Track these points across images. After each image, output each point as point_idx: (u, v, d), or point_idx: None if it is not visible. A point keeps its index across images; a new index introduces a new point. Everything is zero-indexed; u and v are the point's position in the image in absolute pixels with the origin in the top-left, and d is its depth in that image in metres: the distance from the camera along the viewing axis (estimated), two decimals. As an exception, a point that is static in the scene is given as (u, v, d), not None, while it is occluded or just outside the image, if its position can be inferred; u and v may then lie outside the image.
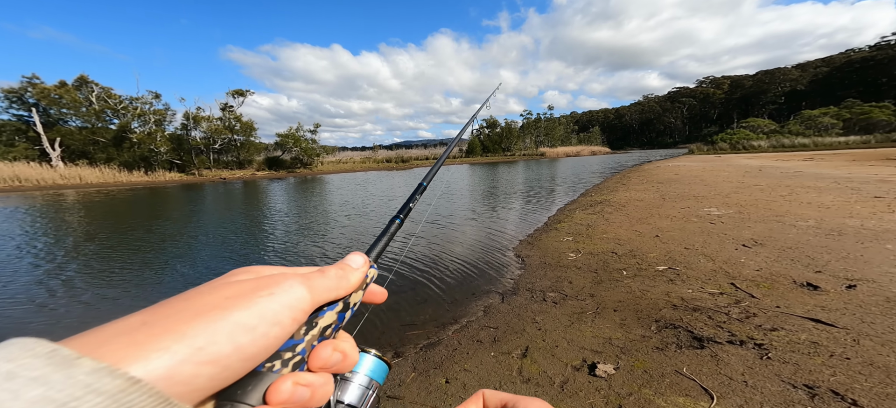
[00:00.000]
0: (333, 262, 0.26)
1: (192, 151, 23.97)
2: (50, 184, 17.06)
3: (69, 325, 3.14)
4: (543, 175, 20.88)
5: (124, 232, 7.34)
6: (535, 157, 55.37)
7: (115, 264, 5.03)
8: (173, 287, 4.05)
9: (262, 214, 9.55)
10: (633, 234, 5.03)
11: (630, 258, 3.97)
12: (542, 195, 11.51)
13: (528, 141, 64.45)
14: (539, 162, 40.87)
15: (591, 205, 8.07)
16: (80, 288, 4.04)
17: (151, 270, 4.78)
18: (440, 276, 3.97)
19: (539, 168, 29.00)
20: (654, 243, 4.47)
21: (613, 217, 6.29)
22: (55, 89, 19.77)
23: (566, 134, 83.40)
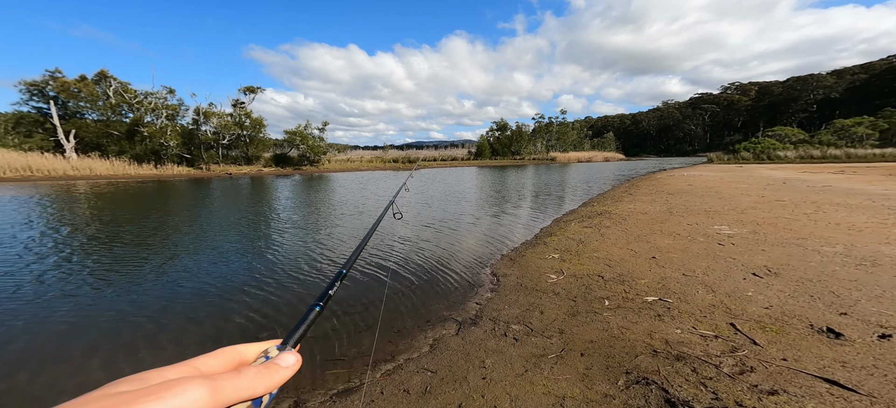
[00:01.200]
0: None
1: (201, 146, 24.47)
2: (61, 175, 17.69)
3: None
4: (550, 181, 20.18)
5: (121, 224, 7.29)
6: (546, 161, 54.29)
7: (98, 253, 4.87)
8: (148, 272, 3.82)
9: (259, 209, 9.41)
10: (627, 253, 4.48)
11: (617, 284, 3.46)
12: (542, 203, 10.94)
13: (538, 145, 63.32)
14: (549, 167, 39.92)
15: (589, 216, 7.50)
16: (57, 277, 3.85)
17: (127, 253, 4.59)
18: (399, 294, 3.57)
19: (547, 173, 28.22)
20: (648, 267, 3.93)
21: (610, 232, 5.73)
22: (75, 83, 20.59)
23: (579, 139, 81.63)
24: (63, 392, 2.16)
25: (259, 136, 27.21)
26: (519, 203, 10.75)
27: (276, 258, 4.90)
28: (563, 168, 36.80)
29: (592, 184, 17.43)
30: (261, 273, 4.23)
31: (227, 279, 4.01)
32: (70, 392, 1.73)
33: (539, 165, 43.56)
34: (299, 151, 29.79)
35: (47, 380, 2.24)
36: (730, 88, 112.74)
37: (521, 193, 13.73)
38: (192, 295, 3.55)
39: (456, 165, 45.24)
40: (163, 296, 3.53)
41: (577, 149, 75.66)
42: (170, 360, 0.55)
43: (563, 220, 7.51)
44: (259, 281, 3.96)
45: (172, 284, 3.87)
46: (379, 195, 13.57)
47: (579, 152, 70.05)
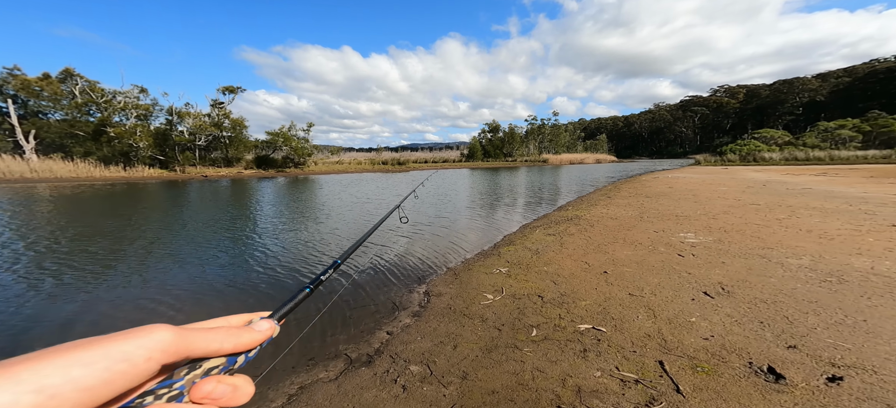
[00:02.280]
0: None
1: (175, 147, 23.61)
2: (17, 177, 16.78)
3: None
4: (536, 183, 19.89)
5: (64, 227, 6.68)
6: (538, 163, 54.23)
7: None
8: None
9: (232, 212, 8.84)
10: (579, 266, 4.09)
11: (555, 307, 3.05)
12: (518, 207, 10.57)
13: (531, 147, 63.32)
14: (540, 169, 39.77)
15: (558, 222, 7.13)
16: None
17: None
18: (300, 318, 3.12)
19: (536, 175, 28.00)
20: (596, 283, 3.54)
21: (572, 241, 5.35)
22: (37, 81, 19.65)
23: (572, 141, 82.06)
24: None
25: (239, 137, 26.41)
26: (494, 207, 10.36)
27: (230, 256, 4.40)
28: (554, 170, 36.67)
29: (577, 186, 17.17)
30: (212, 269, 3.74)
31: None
32: None
33: (531, 168, 43.43)
34: (283, 153, 29.05)
35: None
36: (719, 91, 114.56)
37: (501, 196, 13.36)
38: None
39: (447, 167, 44.83)
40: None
41: (570, 151, 75.94)
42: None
43: (531, 226, 7.13)
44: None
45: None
46: (354, 199, 13.06)
47: (572, 154, 70.30)
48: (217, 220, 8.33)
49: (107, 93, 21.67)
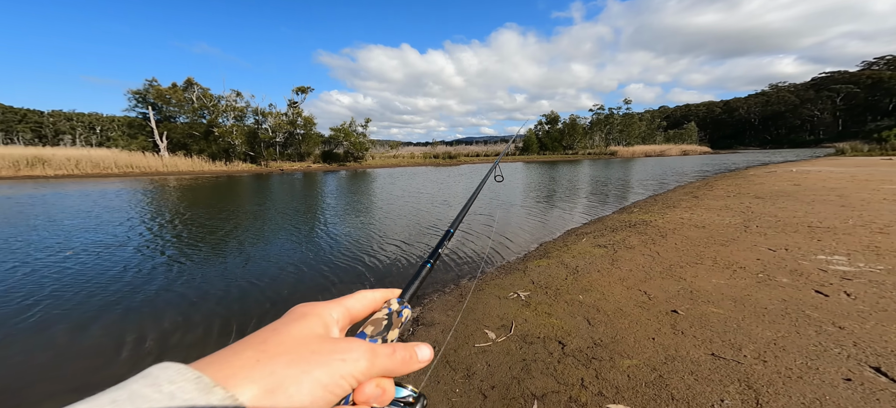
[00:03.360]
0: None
1: (261, 144, 27.40)
2: (154, 171, 21.46)
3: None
4: (598, 178, 17.38)
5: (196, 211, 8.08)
6: (604, 156, 48.33)
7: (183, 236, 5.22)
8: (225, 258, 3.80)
9: (303, 204, 9.68)
10: (634, 298, 2.89)
11: (580, 364, 2.05)
12: (568, 206, 9.05)
13: (596, 138, 56.81)
14: (607, 162, 35.31)
15: (616, 228, 5.65)
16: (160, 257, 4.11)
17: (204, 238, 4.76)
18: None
19: (600, 169, 24.74)
20: (656, 328, 2.36)
21: (629, 257, 4.02)
22: (167, 91, 24.85)
23: (649, 131, 71.30)
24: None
25: (310, 133, 29.40)
26: (538, 205, 9.06)
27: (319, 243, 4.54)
28: (624, 164, 32.08)
29: (653, 183, 14.34)
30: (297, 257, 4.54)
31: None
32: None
33: (594, 161, 38.86)
34: (344, 148, 31.40)
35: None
36: (876, 64, 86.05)
37: (551, 192, 11.78)
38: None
39: (502, 160, 43.01)
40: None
41: (647, 142, 66.08)
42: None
43: (577, 233, 5.81)
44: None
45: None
46: (403, 194, 13.06)
47: (648, 146, 61.01)
48: (306, 208, 9.01)
49: (214, 98, 26.38)
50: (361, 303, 0.32)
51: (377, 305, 0.34)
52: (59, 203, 9.66)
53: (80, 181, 16.66)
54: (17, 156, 18.88)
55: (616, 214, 7.39)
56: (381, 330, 0.32)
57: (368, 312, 0.33)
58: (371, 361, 0.26)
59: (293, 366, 0.22)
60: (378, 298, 0.34)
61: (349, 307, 0.31)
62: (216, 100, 26.69)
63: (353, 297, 0.32)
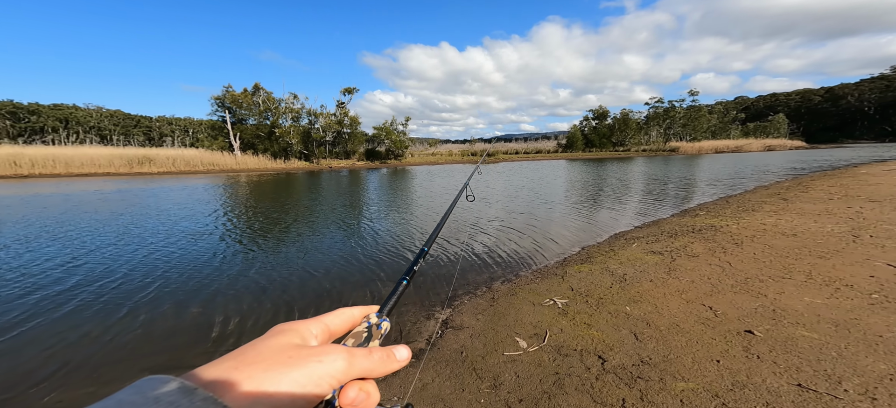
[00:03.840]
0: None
1: (313, 143, 29.83)
2: (229, 168, 24.59)
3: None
4: (655, 176, 15.70)
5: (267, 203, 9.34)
6: (662, 153, 43.49)
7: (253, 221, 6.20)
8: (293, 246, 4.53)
9: (350, 200, 10.51)
10: (695, 313, 2.49)
11: (622, 383, 1.82)
12: (618, 207, 8.27)
13: (653, 133, 51.40)
14: (666, 159, 31.82)
15: (676, 233, 5.00)
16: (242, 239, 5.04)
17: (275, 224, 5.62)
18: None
19: (657, 167, 22.39)
20: (721, 349, 2.00)
21: (691, 267, 3.50)
22: (240, 96, 28.35)
23: (721, 124, 62.53)
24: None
25: (355, 132, 31.21)
26: (581, 205, 8.42)
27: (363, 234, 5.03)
28: (687, 161, 28.60)
29: (725, 181, 12.53)
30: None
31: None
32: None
33: (651, 158, 35.18)
34: (385, 146, 32.74)
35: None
36: None
37: (599, 191, 10.89)
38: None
39: (540, 158, 41.20)
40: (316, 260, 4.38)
41: (718, 137, 58.04)
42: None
43: (627, 237, 5.26)
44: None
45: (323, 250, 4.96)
46: (437, 190, 13.24)
47: (719, 141, 53.48)
48: (354, 204, 9.75)
49: (276, 101, 29.44)
50: (340, 319, 0.33)
51: (356, 321, 0.35)
52: (163, 196, 11.48)
53: (176, 177, 19.80)
54: (132, 156, 23.12)
55: (675, 218, 6.55)
56: (361, 342, 0.33)
57: (348, 327, 0.34)
58: (349, 361, 0.27)
59: (271, 370, 0.24)
60: (357, 314, 0.35)
61: (328, 324, 0.32)
62: (277, 103, 29.70)
63: (332, 314, 0.33)
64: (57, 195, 11.18)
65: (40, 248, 5.15)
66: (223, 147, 28.10)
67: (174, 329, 2.91)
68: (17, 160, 19.24)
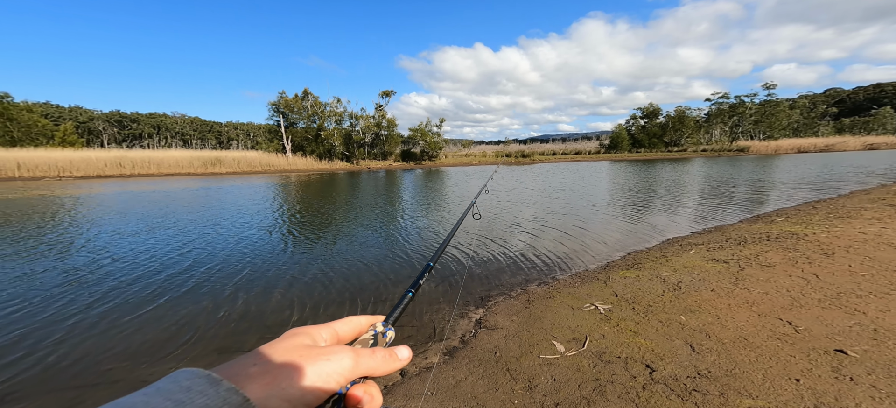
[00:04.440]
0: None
1: (353, 145, 31.56)
2: (282, 169, 27.09)
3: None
4: (719, 178, 14.02)
5: (314, 199, 10.35)
6: (727, 153, 38.54)
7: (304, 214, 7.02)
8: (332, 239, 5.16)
9: (388, 199, 11.11)
10: (768, 326, 2.16)
11: (667, 399, 1.63)
12: (671, 210, 7.51)
13: (716, 132, 45.91)
14: (732, 160, 28.29)
15: (744, 240, 4.40)
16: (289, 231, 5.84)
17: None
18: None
19: (720, 169, 20.06)
20: (800, 368, 1.71)
21: (764, 277, 3.05)
22: (291, 101, 31.08)
23: (806, 120, 53.92)
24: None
25: (392, 134, 32.40)
26: (629, 208, 7.79)
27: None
28: (761, 162, 25.11)
29: (811, 184, 10.79)
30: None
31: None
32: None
33: (713, 159, 31.38)
34: (420, 147, 33.44)
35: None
36: None
37: (650, 194, 9.99)
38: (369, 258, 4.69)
39: (579, 159, 38.91)
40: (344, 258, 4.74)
41: (801, 134, 50.16)
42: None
43: (682, 243, 4.75)
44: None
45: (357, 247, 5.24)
46: (463, 192, 13.23)
47: (803, 139, 46.11)
48: (393, 203, 10.29)
49: (322, 105, 31.78)
50: (349, 326, 0.35)
51: (363, 329, 0.36)
52: (235, 193, 12.82)
53: (240, 176, 22.30)
54: (206, 157, 26.54)
55: (745, 224, 5.75)
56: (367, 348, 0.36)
57: (355, 334, 0.36)
58: (355, 360, 0.29)
59: (285, 366, 0.26)
60: (364, 322, 0.37)
61: (337, 330, 0.34)
62: (323, 106, 31.99)
63: (341, 321, 0.35)
64: (158, 192, 12.99)
65: (159, 235, 6.01)
66: (277, 149, 30.97)
67: (263, 310, 3.23)
68: (122, 162, 23.15)
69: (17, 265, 4.44)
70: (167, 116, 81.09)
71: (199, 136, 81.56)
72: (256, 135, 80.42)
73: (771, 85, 45.81)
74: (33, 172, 19.41)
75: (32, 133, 30.46)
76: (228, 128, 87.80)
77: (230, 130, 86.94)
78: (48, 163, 20.24)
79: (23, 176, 18.95)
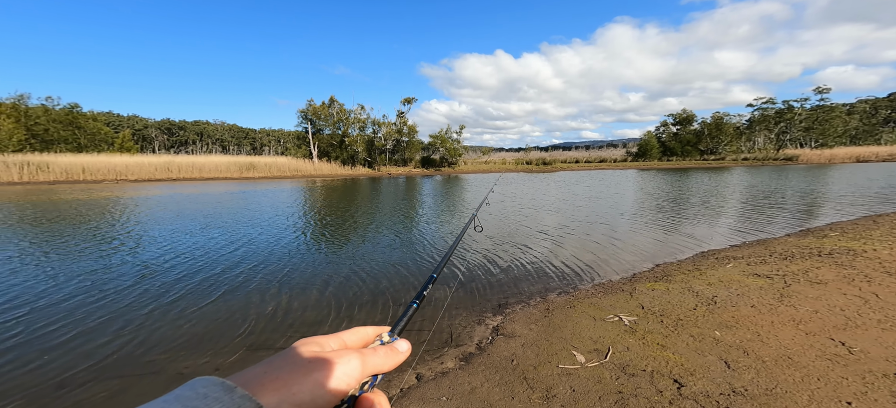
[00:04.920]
0: None
1: (375, 151, 32.45)
2: (308, 174, 28.40)
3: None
4: (762, 189, 13.01)
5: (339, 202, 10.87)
6: (772, 161, 35.58)
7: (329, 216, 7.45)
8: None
9: (409, 204, 11.40)
10: (818, 350, 1.96)
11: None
12: (706, 222, 7.05)
13: (760, 140, 42.69)
14: (778, 170, 26.19)
15: (792, 254, 4.04)
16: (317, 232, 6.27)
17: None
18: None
19: (766, 179, 18.63)
20: (857, 395, 1.52)
21: (814, 294, 2.78)
22: (319, 108, 32.62)
23: (866, 127, 49.00)
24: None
25: (412, 140, 32.99)
26: (657, 218, 7.39)
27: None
28: (812, 172, 23.02)
29: (872, 196, 9.75)
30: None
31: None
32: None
33: (757, 168, 29.04)
34: (440, 154, 33.74)
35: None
36: None
37: (682, 204, 9.43)
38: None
39: (604, 167, 37.41)
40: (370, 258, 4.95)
41: (860, 142, 45.52)
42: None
43: (719, 255, 4.43)
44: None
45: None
46: (474, 200, 13.17)
47: (862, 147, 41.74)
48: (414, 209, 10.54)
49: (346, 112, 33.09)
50: (357, 336, 0.37)
51: (369, 338, 0.38)
52: (270, 196, 13.49)
53: (272, 181, 23.61)
54: (241, 163, 28.42)
55: (792, 238, 5.28)
56: None
57: (362, 344, 0.37)
58: (362, 361, 0.31)
59: (295, 372, 0.28)
60: (370, 333, 0.38)
61: (345, 339, 0.36)
62: (348, 114, 33.30)
63: (348, 331, 0.37)
64: (203, 195, 13.91)
65: (212, 234, 6.48)
66: (305, 155, 32.51)
67: (304, 306, 3.41)
68: (170, 166, 25.30)
69: (94, 258, 4.93)
70: (209, 123, 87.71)
71: (236, 142, 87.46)
72: (286, 141, 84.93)
73: (824, 89, 42.01)
74: (95, 176, 21.64)
75: (96, 140, 34.03)
76: (262, 134, 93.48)
77: (263, 136, 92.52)
78: (108, 167, 22.49)
79: (86, 179, 21.17)
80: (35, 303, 3.40)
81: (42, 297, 3.53)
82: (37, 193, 14.11)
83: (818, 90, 42.27)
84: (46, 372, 2.36)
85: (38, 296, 3.56)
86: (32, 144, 27.90)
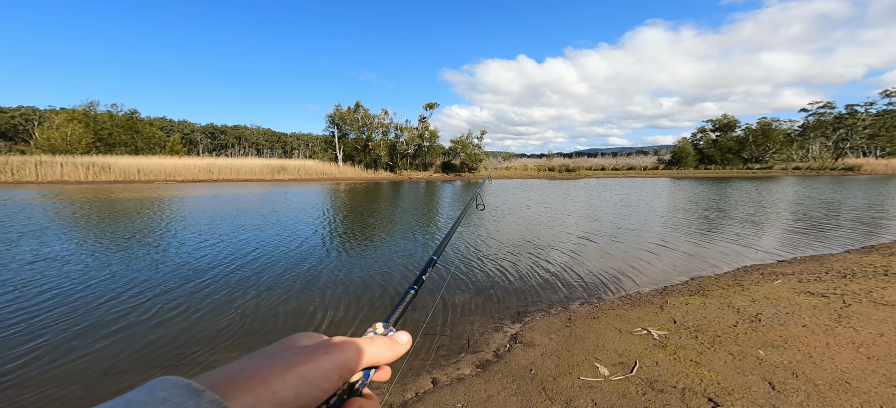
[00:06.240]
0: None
1: (397, 155, 33.09)
2: (333, 177, 29.53)
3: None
4: (816, 200, 11.82)
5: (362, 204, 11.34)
6: (828, 171, 32.15)
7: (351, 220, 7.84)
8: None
9: (430, 208, 11.62)
10: (883, 376, 1.74)
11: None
12: (749, 234, 6.49)
13: (815, 147, 38.88)
14: (838, 180, 23.65)
15: (851, 274, 3.63)
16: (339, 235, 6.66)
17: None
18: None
19: (823, 189, 17.04)
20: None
21: (879, 317, 2.47)
22: (345, 113, 33.90)
23: None
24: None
25: (433, 145, 33.32)
26: (693, 227, 6.91)
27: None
28: (878, 183, 20.71)
29: None
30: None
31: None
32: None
33: (812, 178, 26.41)
34: (461, 159, 33.77)
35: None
36: None
37: (722, 214, 8.75)
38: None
39: (633, 175, 35.53)
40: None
41: (939, 148, 40.26)
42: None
43: (765, 271, 4.06)
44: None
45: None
46: (496, 206, 12.97)
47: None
48: (435, 214, 10.73)
49: (371, 117, 34.13)
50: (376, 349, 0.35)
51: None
52: (300, 198, 14.00)
53: (300, 183, 24.82)
54: (273, 165, 30.14)
55: (853, 255, 4.73)
56: None
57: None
58: (357, 350, 0.28)
59: (276, 366, 0.24)
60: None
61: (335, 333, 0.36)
62: (372, 118, 34.34)
63: (369, 341, 0.35)
64: (241, 195, 14.58)
65: (271, 231, 6.82)
66: (331, 158, 33.86)
67: (329, 304, 3.53)
68: (211, 168, 27.33)
69: (150, 253, 5.45)
70: (247, 127, 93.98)
71: (269, 145, 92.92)
72: (313, 145, 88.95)
73: (893, 92, 37.50)
74: (147, 176, 23.84)
75: (151, 143, 37.57)
76: (292, 138, 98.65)
77: (293, 140, 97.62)
78: (159, 168, 24.71)
79: (140, 180, 23.39)
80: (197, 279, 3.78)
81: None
82: (104, 191, 15.67)
83: (886, 93, 37.80)
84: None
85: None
86: (97, 147, 31.25)
